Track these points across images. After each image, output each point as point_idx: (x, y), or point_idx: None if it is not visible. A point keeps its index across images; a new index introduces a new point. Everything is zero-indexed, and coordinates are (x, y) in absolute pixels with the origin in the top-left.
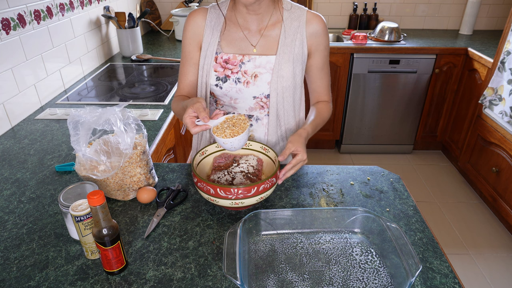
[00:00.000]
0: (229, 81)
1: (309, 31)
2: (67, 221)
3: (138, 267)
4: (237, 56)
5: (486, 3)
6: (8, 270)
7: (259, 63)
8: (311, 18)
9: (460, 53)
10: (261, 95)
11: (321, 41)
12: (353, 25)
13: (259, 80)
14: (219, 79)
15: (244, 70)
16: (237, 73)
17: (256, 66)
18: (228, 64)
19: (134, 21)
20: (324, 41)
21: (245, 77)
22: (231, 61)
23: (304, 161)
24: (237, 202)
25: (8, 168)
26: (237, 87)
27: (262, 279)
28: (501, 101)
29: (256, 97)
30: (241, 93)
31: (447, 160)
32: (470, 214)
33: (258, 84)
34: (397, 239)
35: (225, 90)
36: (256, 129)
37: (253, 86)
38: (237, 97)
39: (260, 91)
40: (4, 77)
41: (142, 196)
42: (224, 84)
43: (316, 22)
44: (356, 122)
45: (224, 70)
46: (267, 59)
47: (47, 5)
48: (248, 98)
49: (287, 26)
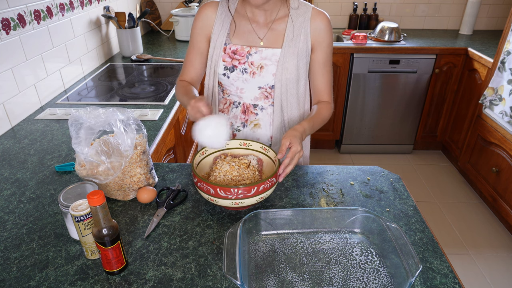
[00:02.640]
0: (236, 70)
1: (313, 26)
2: (67, 221)
3: (138, 267)
4: (244, 48)
5: (486, 3)
6: (8, 270)
7: (265, 55)
8: (316, 15)
9: (460, 53)
10: (266, 85)
11: (324, 37)
12: (353, 25)
13: (264, 71)
14: (226, 69)
15: (251, 61)
16: (244, 64)
17: (262, 58)
18: (236, 55)
19: (134, 21)
20: (327, 37)
21: (252, 68)
22: (239, 52)
23: (300, 152)
24: (237, 202)
25: (8, 168)
26: (243, 77)
27: (262, 279)
28: (501, 101)
29: (261, 87)
30: (247, 83)
31: (447, 160)
32: (470, 214)
33: (264, 75)
34: (397, 239)
35: (232, 80)
36: (261, 118)
37: (258, 77)
38: (243, 87)
39: (265, 81)
40: (4, 77)
41: (142, 196)
42: (232, 74)
43: (320, 19)
44: (356, 122)
45: (232, 60)
46: (273, 51)
47: (47, 5)
48: (253, 88)
49: (293, 21)
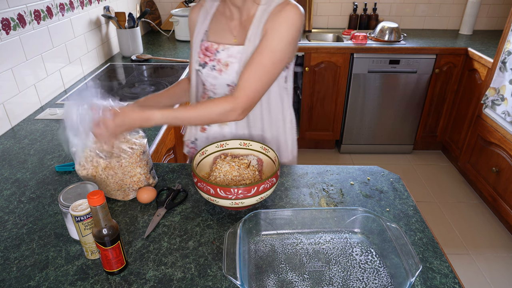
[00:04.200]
0: (206, 67)
1: (270, 16)
2: (67, 221)
3: (138, 267)
4: (214, 45)
5: (486, 3)
6: (8, 270)
7: (232, 53)
8: (279, 6)
9: (460, 53)
10: (233, 83)
11: (275, 23)
12: (353, 25)
13: (230, 69)
14: (200, 65)
15: (218, 58)
16: (213, 61)
17: (229, 56)
18: (207, 52)
19: (134, 21)
20: (278, 25)
21: (219, 65)
22: (210, 49)
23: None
24: (237, 202)
25: (8, 168)
26: (213, 74)
27: (262, 279)
28: (503, 101)
29: (229, 85)
30: (217, 79)
31: (447, 160)
32: (470, 214)
33: (229, 73)
34: (397, 239)
35: (205, 76)
36: None
37: (225, 74)
38: (215, 83)
39: (231, 79)
40: (4, 77)
41: (142, 196)
42: (203, 70)
43: (279, 9)
44: (356, 122)
45: (204, 57)
46: (237, 49)
47: (47, 5)
48: (223, 85)
49: (257, 18)
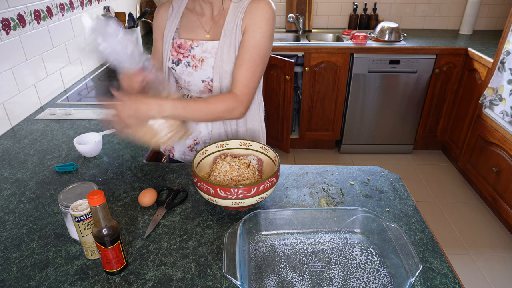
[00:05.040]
0: (180, 64)
1: (247, 12)
2: (67, 221)
3: (138, 267)
4: (187, 42)
5: (486, 3)
6: (8, 270)
7: (206, 48)
8: (254, 2)
9: (460, 53)
10: (208, 79)
11: (255, 20)
12: (353, 25)
13: (205, 64)
14: (173, 63)
15: (193, 55)
16: (187, 57)
17: (203, 51)
18: (181, 49)
19: (134, 21)
20: (259, 21)
21: (194, 61)
22: (183, 46)
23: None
24: (237, 202)
25: (8, 168)
26: (187, 71)
27: (262, 279)
28: (501, 101)
29: (204, 81)
30: (191, 76)
31: (447, 160)
32: (470, 214)
33: (204, 68)
34: (397, 239)
35: (179, 73)
36: None
37: (200, 70)
38: (189, 80)
39: (206, 75)
40: (4, 77)
41: (144, 199)
42: (177, 67)
43: (256, 4)
44: (356, 122)
45: (177, 54)
46: (212, 44)
47: (47, 5)
48: (198, 81)
49: (231, 13)
